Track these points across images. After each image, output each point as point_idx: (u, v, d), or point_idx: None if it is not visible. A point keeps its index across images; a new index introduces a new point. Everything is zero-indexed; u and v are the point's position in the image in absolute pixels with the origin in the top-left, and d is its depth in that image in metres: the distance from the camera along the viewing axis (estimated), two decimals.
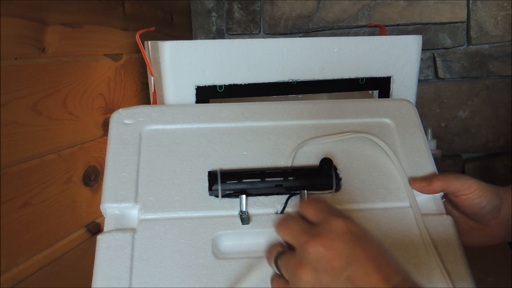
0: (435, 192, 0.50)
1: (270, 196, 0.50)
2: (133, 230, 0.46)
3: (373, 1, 1.05)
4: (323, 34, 1.08)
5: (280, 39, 0.64)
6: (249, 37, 1.10)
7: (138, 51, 0.77)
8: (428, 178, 0.50)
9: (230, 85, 0.63)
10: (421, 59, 1.03)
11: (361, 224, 0.36)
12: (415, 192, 0.51)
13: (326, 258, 0.33)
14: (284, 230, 0.37)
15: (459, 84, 1.07)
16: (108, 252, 0.44)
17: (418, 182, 0.50)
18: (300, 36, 1.09)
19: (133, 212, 0.48)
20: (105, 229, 0.47)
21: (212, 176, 0.49)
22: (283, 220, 0.38)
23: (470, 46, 1.05)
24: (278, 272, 0.37)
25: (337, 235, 0.34)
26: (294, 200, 0.50)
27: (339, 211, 0.37)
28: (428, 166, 0.53)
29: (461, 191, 0.49)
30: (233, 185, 0.49)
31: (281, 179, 0.49)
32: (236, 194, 0.49)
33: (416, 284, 0.33)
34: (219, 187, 0.48)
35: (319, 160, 0.49)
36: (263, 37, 1.10)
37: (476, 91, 1.07)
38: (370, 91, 0.71)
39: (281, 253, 0.37)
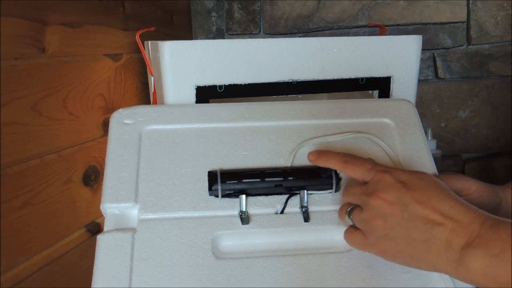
0: None
1: (270, 196, 0.50)
2: (133, 230, 0.46)
3: (373, 1, 1.05)
4: (323, 34, 1.08)
5: (280, 39, 0.64)
6: (249, 37, 1.11)
7: (138, 51, 0.77)
8: None
9: (230, 85, 0.63)
10: (421, 59, 1.03)
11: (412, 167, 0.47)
12: None
13: (386, 207, 0.40)
14: (347, 195, 0.45)
15: (459, 84, 1.07)
16: (108, 252, 0.44)
17: None
18: (300, 36, 1.09)
19: (133, 212, 0.48)
20: (105, 229, 0.47)
21: (212, 176, 0.49)
22: (346, 188, 0.46)
23: (470, 46, 1.05)
24: (350, 224, 0.45)
25: (388, 187, 0.40)
26: (294, 200, 0.50)
27: (384, 166, 0.44)
28: (428, 166, 0.53)
29: (461, 191, 0.49)
30: (233, 185, 0.49)
31: (281, 179, 0.49)
32: (236, 194, 0.49)
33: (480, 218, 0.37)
34: (219, 187, 0.48)
35: None
36: (263, 37, 1.10)
37: (476, 91, 1.07)
38: (370, 91, 0.71)
39: (352, 209, 0.44)
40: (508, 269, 0.34)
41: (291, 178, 0.50)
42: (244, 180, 0.49)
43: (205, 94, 0.63)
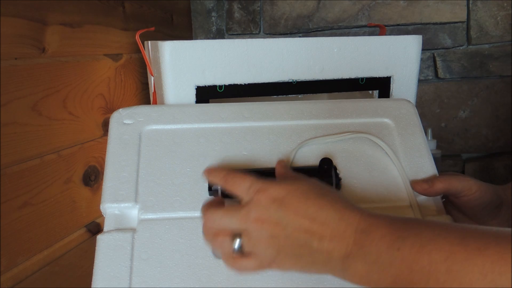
0: (437, 194, 0.50)
1: None
2: (133, 230, 0.46)
3: (373, 1, 1.05)
4: (323, 34, 1.08)
5: (280, 39, 0.64)
6: (249, 37, 1.11)
7: (138, 51, 0.77)
8: (429, 180, 0.50)
9: (230, 85, 0.63)
10: (421, 59, 1.03)
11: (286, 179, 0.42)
12: (415, 192, 0.51)
13: (269, 228, 0.38)
14: (223, 221, 0.40)
15: (459, 84, 1.07)
16: (108, 252, 0.44)
17: (420, 185, 0.50)
18: (300, 36, 1.09)
19: (133, 212, 0.48)
20: (105, 229, 0.47)
21: None
22: (215, 213, 0.41)
23: (470, 46, 1.05)
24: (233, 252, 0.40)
25: (266, 208, 0.39)
26: None
27: (261, 183, 0.41)
28: (428, 166, 0.53)
29: (462, 192, 0.49)
30: None
31: None
32: None
33: (358, 221, 0.37)
34: (219, 187, 0.48)
35: (319, 160, 0.49)
36: (263, 37, 1.10)
37: (476, 91, 1.07)
38: (370, 91, 0.71)
39: (237, 235, 0.40)
40: (387, 273, 0.34)
41: None
42: None
43: (205, 94, 0.63)
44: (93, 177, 0.66)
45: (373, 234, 0.36)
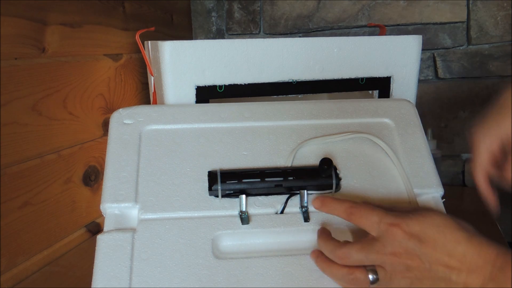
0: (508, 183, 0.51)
1: (270, 196, 0.50)
2: (133, 230, 0.46)
3: (373, 1, 1.05)
4: (323, 34, 1.08)
5: (280, 39, 0.64)
6: (249, 37, 1.11)
7: (138, 51, 0.78)
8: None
9: (230, 85, 0.63)
10: (421, 59, 1.03)
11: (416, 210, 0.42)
12: (415, 192, 0.51)
13: (408, 261, 0.39)
14: (357, 256, 0.41)
15: (459, 84, 1.07)
16: (108, 252, 0.44)
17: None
18: (300, 36, 1.09)
19: (133, 212, 0.48)
20: (105, 229, 0.47)
21: (212, 176, 0.49)
22: (352, 250, 0.42)
23: (470, 46, 1.05)
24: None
25: (403, 244, 0.40)
26: (294, 200, 0.50)
27: (392, 217, 0.41)
28: (428, 166, 0.53)
29: None
30: (233, 185, 0.49)
31: (281, 179, 0.49)
32: (236, 194, 0.49)
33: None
34: (219, 187, 0.48)
35: (319, 160, 0.49)
36: (263, 37, 1.10)
37: (476, 91, 1.07)
38: (370, 91, 0.71)
39: (372, 269, 0.41)
40: None
41: (291, 178, 0.49)
42: (244, 180, 0.49)
43: (205, 94, 0.63)
44: (93, 177, 0.66)
45: (509, 272, 0.37)
